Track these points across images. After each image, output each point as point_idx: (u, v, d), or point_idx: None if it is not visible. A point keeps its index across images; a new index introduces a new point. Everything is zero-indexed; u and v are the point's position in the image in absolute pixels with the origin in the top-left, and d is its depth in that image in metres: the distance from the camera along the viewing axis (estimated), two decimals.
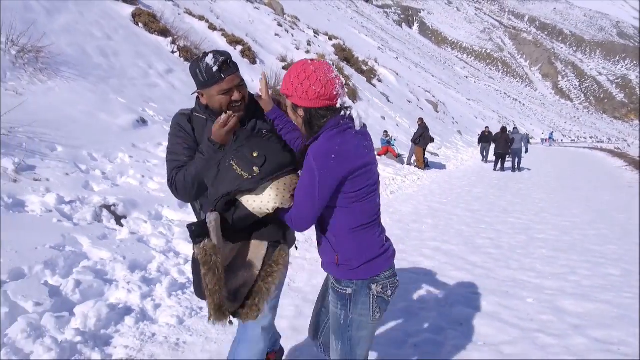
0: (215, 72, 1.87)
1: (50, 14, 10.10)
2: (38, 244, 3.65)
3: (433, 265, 4.89)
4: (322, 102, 1.70)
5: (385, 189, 10.12)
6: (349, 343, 1.87)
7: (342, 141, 1.69)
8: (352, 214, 1.76)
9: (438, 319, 3.53)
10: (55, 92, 7.42)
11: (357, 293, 1.80)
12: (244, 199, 1.74)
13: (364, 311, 1.81)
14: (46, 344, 2.57)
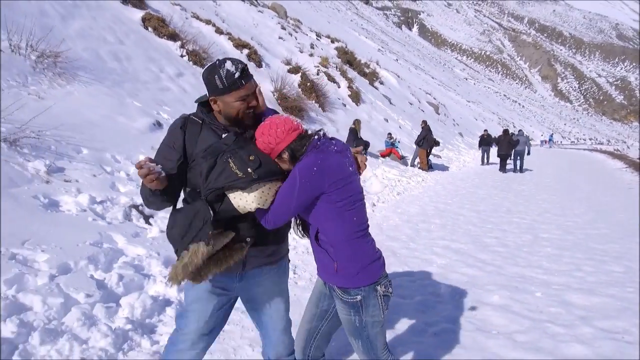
0: (236, 79, 1.91)
1: (65, 19, 10.34)
2: (79, 241, 3.89)
3: (445, 263, 5.14)
4: (293, 135, 1.92)
5: (391, 190, 10.36)
6: (367, 340, 2.07)
7: (324, 157, 1.91)
8: (346, 223, 1.95)
9: (454, 310, 3.78)
10: (74, 96, 7.66)
11: (367, 298, 1.99)
12: (231, 195, 1.88)
13: (376, 312, 2.01)
14: (102, 330, 2.82)
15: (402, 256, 5.35)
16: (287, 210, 1.92)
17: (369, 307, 2.00)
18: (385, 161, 14.28)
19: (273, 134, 1.91)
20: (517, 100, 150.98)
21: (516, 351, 3.08)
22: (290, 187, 1.88)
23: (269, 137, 1.91)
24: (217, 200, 1.89)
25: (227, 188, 1.86)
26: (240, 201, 1.88)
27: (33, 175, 4.95)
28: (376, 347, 2.10)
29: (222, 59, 2.01)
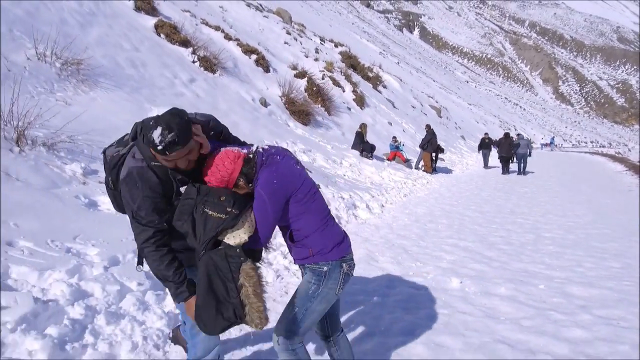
0: (160, 150, 1.93)
1: (84, 27, 10.74)
2: (122, 237, 4.26)
3: (454, 259, 5.49)
4: (239, 162, 2.09)
5: (398, 192, 10.73)
6: (304, 312, 2.24)
7: (276, 168, 2.12)
8: (313, 214, 2.20)
9: (464, 300, 4.13)
10: (98, 102, 8.05)
11: (332, 271, 2.23)
12: (225, 238, 2.02)
13: (333, 285, 2.24)
14: (157, 313, 3.19)
15: (413, 253, 5.71)
16: (268, 225, 2.12)
17: (330, 279, 2.23)
18: (389, 164, 14.63)
19: (223, 169, 2.07)
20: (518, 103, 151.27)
21: (522, 334, 3.44)
22: (262, 205, 2.09)
23: (220, 172, 2.07)
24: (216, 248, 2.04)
25: (219, 233, 2.00)
26: (234, 239, 2.03)
27: (71, 177, 5.33)
28: (303, 324, 2.26)
29: (155, 121, 1.99)
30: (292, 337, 2.26)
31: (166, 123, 1.93)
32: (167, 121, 1.94)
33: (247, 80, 15.35)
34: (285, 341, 2.26)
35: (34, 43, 8.21)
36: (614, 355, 3.13)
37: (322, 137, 15.12)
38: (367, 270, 4.91)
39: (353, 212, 7.69)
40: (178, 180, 2.14)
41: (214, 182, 2.08)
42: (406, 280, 4.65)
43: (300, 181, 2.17)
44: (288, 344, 2.26)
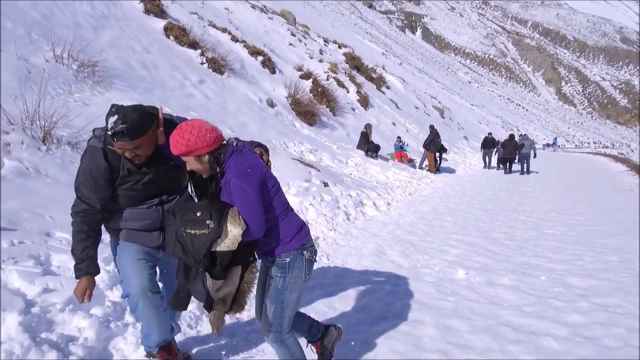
0: (109, 135, 2.14)
1: (97, 30, 11.03)
2: None
3: (459, 253, 5.75)
4: (217, 143, 2.16)
5: (403, 191, 10.99)
6: (281, 305, 2.38)
7: (246, 157, 2.22)
8: (274, 208, 2.32)
9: (470, 289, 4.39)
10: (113, 102, 8.32)
11: (294, 260, 2.37)
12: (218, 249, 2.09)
13: (299, 274, 2.38)
14: None
15: (420, 247, 5.97)
16: (258, 213, 2.20)
17: (294, 269, 2.37)
18: (395, 163, 14.89)
19: (202, 137, 2.11)
20: (520, 104, 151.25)
21: (524, 319, 3.69)
22: (244, 195, 2.16)
23: (197, 138, 2.11)
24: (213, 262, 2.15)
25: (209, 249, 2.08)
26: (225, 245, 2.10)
27: None
28: (284, 316, 2.41)
29: (117, 109, 2.17)
30: (279, 331, 2.42)
31: (123, 114, 2.12)
32: (125, 112, 2.12)
33: (254, 82, 15.63)
34: (274, 335, 2.43)
35: (51, 46, 8.51)
36: (610, 337, 3.39)
37: (328, 137, 15.39)
38: (377, 262, 5.17)
39: (361, 209, 7.96)
40: (127, 169, 2.32)
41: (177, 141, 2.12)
42: (415, 271, 4.91)
43: (268, 174, 2.30)
44: (277, 337, 2.43)
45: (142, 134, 2.17)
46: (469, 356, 3.04)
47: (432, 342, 3.24)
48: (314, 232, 6.12)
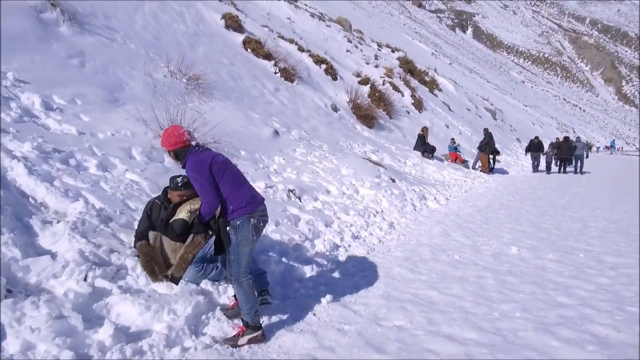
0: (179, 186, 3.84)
1: (193, 47, 12.90)
2: (271, 212, 6.07)
3: (512, 237, 6.98)
4: (177, 145, 3.34)
5: (459, 188, 12.18)
6: (237, 255, 3.25)
7: (197, 156, 3.27)
8: (227, 182, 3.27)
9: (522, 260, 5.66)
10: (217, 111, 10.03)
11: (242, 223, 3.27)
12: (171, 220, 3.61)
13: (247, 233, 3.26)
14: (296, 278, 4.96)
15: (478, 232, 7.24)
16: (207, 192, 3.23)
17: (243, 230, 3.26)
18: (450, 164, 16.02)
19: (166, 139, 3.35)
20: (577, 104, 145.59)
21: (562, 278, 4.94)
22: (198, 182, 3.23)
23: (164, 138, 3.37)
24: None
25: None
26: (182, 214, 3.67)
27: None
28: (240, 264, 3.26)
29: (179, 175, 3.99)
30: (237, 273, 3.25)
31: (182, 176, 3.82)
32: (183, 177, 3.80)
33: (319, 88, 17.18)
34: (233, 278, 3.27)
35: (166, 63, 10.36)
36: (627, 291, 4.59)
37: (386, 139, 16.71)
38: (445, 240, 6.52)
39: (424, 202, 9.28)
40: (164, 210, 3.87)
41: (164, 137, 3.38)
42: (476, 247, 6.22)
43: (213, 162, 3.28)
44: (235, 279, 3.26)
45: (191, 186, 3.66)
46: (519, 297, 4.35)
47: (492, 287, 4.58)
48: (389, 219, 7.52)
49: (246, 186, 3.44)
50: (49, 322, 2.65)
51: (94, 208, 4.18)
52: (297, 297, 3.95)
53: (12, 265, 3.11)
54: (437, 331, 3.43)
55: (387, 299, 4.07)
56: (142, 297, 3.17)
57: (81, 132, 5.95)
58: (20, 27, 7.82)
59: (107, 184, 4.93)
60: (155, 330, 2.99)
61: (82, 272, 3.22)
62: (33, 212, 3.94)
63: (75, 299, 2.95)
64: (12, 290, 2.92)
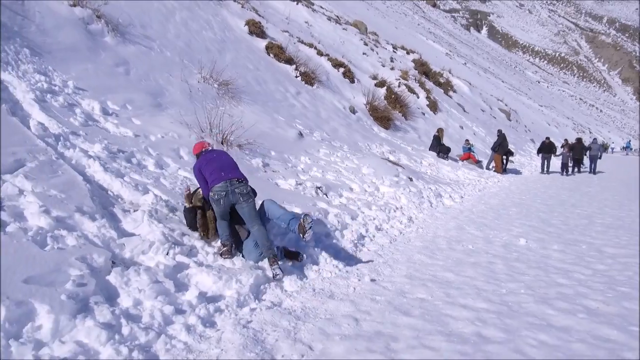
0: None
1: (221, 53, 13.71)
2: (304, 205, 6.81)
3: (521, 231, 7.62)
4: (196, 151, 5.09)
5: (473, 187, 12.81)
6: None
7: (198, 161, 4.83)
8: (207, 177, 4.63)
9: (529, 249, 6.31)
10: (246, 114, 10.79)
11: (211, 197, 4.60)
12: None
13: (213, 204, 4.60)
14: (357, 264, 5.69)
15: (490, 226, 7.89)
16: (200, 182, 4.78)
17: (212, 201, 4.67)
18: (464, 164, 16.62)
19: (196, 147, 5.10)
20: (594, 105, 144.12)
21: (565, 265, 5.59)
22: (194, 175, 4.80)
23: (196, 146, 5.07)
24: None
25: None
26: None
27: (257, 167, 8.02)
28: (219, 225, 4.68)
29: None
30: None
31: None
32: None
33: (337, 91, 17.90)
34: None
35: (199, 69, 11.16)
36: (620, 276, 5.22)
37: (402, 140, 17.36)
38: (460, 233, 7.19)
39: (440, 200, 9.94)
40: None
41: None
42: (488, 239, 6.88)
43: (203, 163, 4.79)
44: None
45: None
46: (524, 278, 5.02)
47: (501, 270, 5.25)
48: (407, 214, 8.20)
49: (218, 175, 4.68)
50: (150, 284, 3.41)
51: (161, 200, 4.95)
52: (333, 275, 4.67)
53: (111, 243, 3.89)
54: (453, 302, 4.12)
55: (410, 278, 4.77)
56: (214, 270, 3.92)
57: (137, 135, 6.75)
58: (73, 39, 8.67)
59: (166, 180, 5.71)
60: (227, 295, 3.74)
61: (165, 249, 3.99)
62: (113, 202, 4.73)
63: (165, 269, 3.72)
64: (115, 262, 3.69)
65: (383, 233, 6.72)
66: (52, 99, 6.38)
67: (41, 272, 3.10)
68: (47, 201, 4.02)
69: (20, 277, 2.99)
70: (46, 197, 4.08)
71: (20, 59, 7.01)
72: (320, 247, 5.36)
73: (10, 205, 3.80)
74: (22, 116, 5.53)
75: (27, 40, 7.66)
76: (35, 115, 5.68)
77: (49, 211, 3.90)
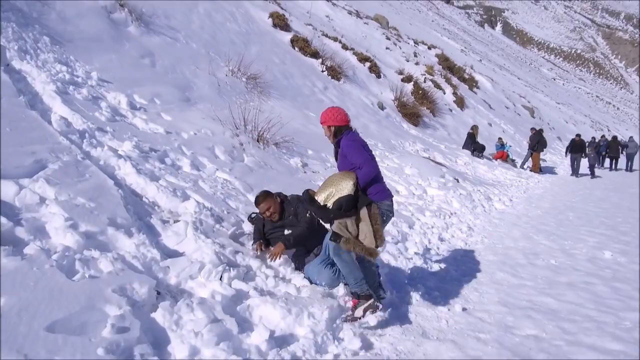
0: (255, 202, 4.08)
1: (246, 45, 12.94)
2: None
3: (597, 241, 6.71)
4: (339, 123, 3.56)
5: (517, 189, 11.90)
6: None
7: (352, 135, 3.52)
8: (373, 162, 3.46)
9: (619, 264, 5.44)
10: (277, 109, 9.99)
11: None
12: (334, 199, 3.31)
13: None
14: None
15: (559, 236, 7.00)
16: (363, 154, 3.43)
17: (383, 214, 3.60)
18: (500, 163, 15.70)
19: (334, 117, 3.57)
20: (611, 102, 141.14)
21: None
22: (353, 144, 3.44)
23: (331, 116, 3.58)
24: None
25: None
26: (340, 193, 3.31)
27: (296, 168, 7.24)
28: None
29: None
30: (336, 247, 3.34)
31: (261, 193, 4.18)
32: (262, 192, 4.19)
33: (364, 86, 17.06)
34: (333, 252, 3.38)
35: (226, 62, 10.42)
36: None
37: (433, 137, 16.47)
38: (531, 244, 6.34)
39: (491, 203, 9.07)
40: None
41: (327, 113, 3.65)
42: (566, 251, 6.02)
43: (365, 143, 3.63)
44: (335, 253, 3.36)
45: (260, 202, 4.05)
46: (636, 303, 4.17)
47: (606, 294, 4.41)
48: (464, 220, 7.36)
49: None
50: (208, 325, 2.63)
51: (205, 208, 4.18)
52: (415, 303, 3.86)
53: (153, 266, 3.12)
54: (576, 342, 3.29)
55: (506, 305, 3.95)
56: (279, 299, 3.13)
57: (168, 132, 6.00)
58: (96, 28, 7.96)
59: (206, 183, 4.95)
60: (300, 335, 2.95)
61: (219, 273, 3.21)
62: (150, 211, 3.97)
63: (222, 301, 2.94)
64: (160, 292, 2.92)
65: (446, 244, 5.90)
66: (75, 91, 5.66)
67: (69, 314, 2.33)
68: (74, 212, 3.27)
69: (43, 322, 2.22)
70: (73, 206, 3.33)
71: (39, 47, 6.30)
72: (386, 264, 4.56)
73: (29, 218, 3.06)
74: (42, 110, 4.80)
75: (47, 28, 6.96)
76: (57, 109, 4.95)
77: (77, 225, 3.15)
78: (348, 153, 3.46)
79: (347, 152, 3.47)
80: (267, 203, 4.00)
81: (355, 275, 3.36)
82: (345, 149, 3.49)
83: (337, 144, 3.62)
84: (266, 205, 3.99)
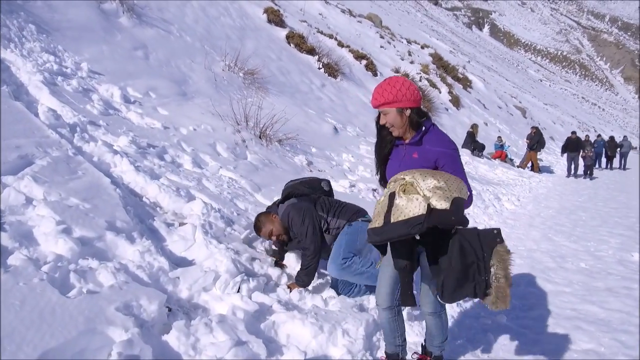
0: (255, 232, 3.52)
1: (242, 40, 12.48)
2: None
3: (620, 242, 6.38)
4: (420, 103, 2.20)
5: (522, 188, 11.59)
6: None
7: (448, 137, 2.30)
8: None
9: None
10: (277, 106, 9.47)
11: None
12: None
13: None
14: None
15: (579, 237, 6.66)
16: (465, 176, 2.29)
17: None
18: (501, 162, 15.43)
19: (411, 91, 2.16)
20: (596, 103, 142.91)
21: None
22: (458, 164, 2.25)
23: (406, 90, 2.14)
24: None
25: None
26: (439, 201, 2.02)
27: (302, 166, 6.81)
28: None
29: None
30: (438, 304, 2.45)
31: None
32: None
33: (361, 84, 16.67)
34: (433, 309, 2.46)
35: (222, 57, 9.95)
36: None
37: None
38: (553, 246, 5.99)
39: (501, 203, 8.73)
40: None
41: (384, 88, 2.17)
42: (592, 254, 5.68)
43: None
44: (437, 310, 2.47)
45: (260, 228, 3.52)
46: None
47: None
48: (477, 221, 7.00)
49: None
50: (233, 349, 2.19)
51: (213, 209, 3.73)
52: (451, 313, 3.45)
53: (162, 277, 2.68)
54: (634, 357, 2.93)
55: (550, 315, 3.57)
56: (310, 315, 2.70)
57: (166, 127, 5.54)
58: (86, 17, 7.45)
59: (210, 182, 4.50)
60: (333, 355, 2.52)
61: (236, 284, 2.77)
62: (152, 213, 3.52)
63: (245, 317, 2.50)
64: (171, 308, 2.48)
65: None
66: (63, 82, 5.17)
67: (65, 341, 1.87)
68: (66, 214, 2.81)
69: (32, 352, 1.77)
70: (65, 208, 2.87)
71: (24, 35, 5.80)
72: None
73: (13, 221, 2.59)
74: (27, 101, 4.31)
75: (33, 15, 6.45)
76: (45, 101, 4.47)
77: (70, 230, 2.69)
78: (455, 169, 2.24)
79: (453, 168, 2.25)
80: (266, 227, 3.40)
81: (445, 336, 2.54)
82: (444, 159, 2.24)
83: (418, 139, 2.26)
84: (267, 229, 3.40)
